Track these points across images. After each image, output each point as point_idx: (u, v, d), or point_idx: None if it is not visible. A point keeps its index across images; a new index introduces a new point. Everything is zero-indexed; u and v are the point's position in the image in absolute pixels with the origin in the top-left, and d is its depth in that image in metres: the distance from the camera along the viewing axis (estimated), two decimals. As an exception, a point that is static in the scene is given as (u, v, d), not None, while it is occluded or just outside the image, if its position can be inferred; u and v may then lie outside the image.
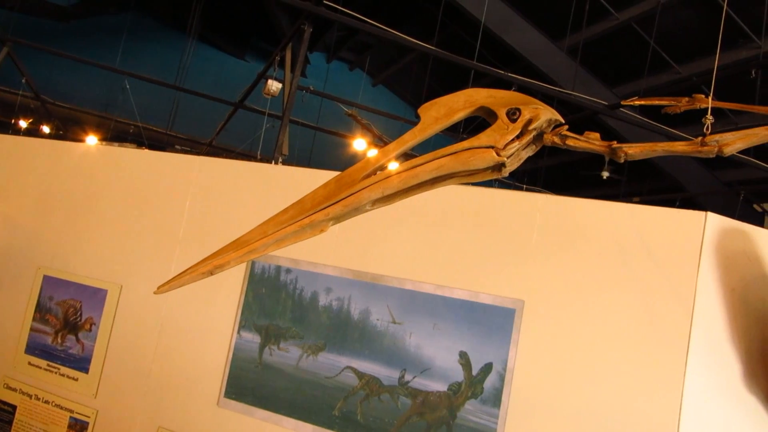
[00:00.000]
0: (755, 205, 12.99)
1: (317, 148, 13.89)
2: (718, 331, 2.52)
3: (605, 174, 11.88)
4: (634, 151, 1.30)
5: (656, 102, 2.90)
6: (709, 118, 1.89)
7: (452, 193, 3.19)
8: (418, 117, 1.32)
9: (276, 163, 5.37)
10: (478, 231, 2.91)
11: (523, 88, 7.72)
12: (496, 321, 2.71)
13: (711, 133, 1.40)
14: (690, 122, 10.85)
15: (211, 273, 1.20)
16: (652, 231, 2.68)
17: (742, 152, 6.98)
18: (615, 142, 1.31)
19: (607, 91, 11.47)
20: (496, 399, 2.60)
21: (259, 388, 2.91)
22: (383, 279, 2.91)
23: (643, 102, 2.94)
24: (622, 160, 1.30)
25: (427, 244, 2.96)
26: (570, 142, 1.29)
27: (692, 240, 2.56)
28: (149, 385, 3.17)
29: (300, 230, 1.11)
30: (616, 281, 2.65)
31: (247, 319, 3.04)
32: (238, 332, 3.04)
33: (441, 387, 2.68)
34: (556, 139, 1.28)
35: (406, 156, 1.28)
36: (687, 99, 2.76)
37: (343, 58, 18.79)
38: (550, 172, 15.18)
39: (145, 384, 3.18)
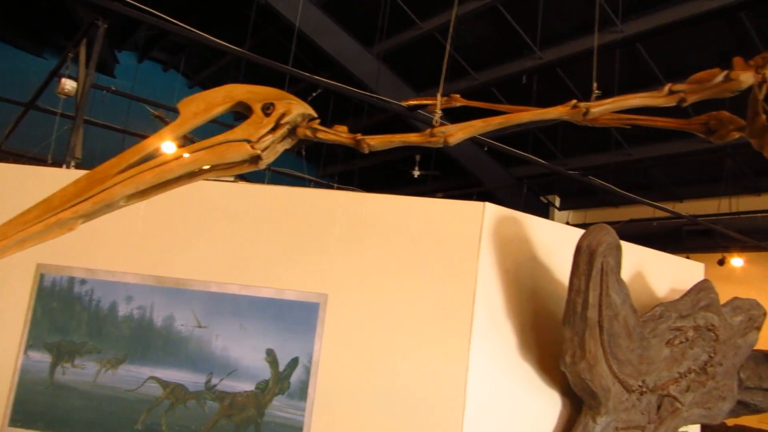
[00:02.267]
0: (541, 197, 14.63)
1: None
2: (497, 309, 2.83)
3: (416, 172, 12.60)
4: (375, 142, 1.43)
5: (423, 101, 3.18)
6: (438, 112, 2.12)
7: (256, 192, 3.21)
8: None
9: (68, 167, 4.96)
10: (282, 229, 2.96)
11: (336, 93, 7.93)
12: (302, 316, 2.78)
13: (439, 126, 1.58)
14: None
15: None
16: (440, 222, 2.93)
17: (525, 151, 7.83)
18: (359, 135, 1.43)
19: (415, 95, 12.18)
20: (302, 392, 2.66)
21: (50, 411, 2.69)
22: (187, 283, 2.84)
23: (413, 102, 3.20)
24: (366, 150, 1.42)
25: (231, 245, 2.94)
26: (320, 135, 1.38)
27: (473, 228, 2.84)
28: None
29: (45, 230, 1.06)
30: (409, 270, 2.86)
31: (36, 338, 2.80)
32: (25, 353, 2.79)
33: (249, 387, 2.69)
34: (309, 133, 1.37)
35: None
36: (445, 98, 3.07)
37: (156, 58, 17.77)
38: (366, 172, 15.77)
39: None
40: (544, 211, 14.68)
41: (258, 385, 2.69)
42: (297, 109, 1.32)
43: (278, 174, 10.73)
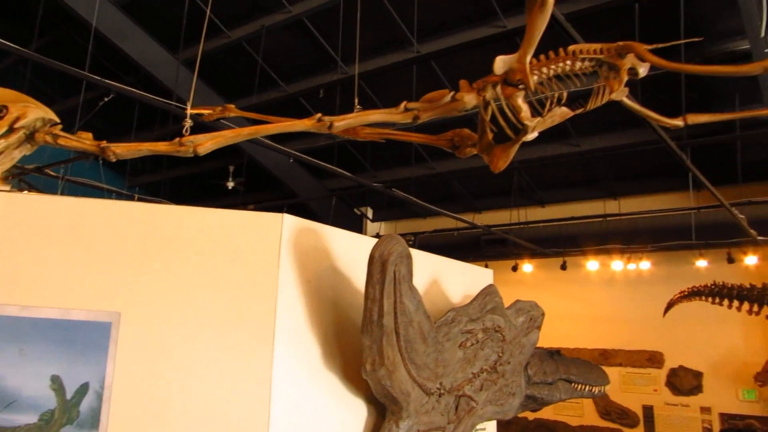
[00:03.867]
0: (355, 209, 15.06)
1: None
2: (299, 320, 2.77)
3: (230, 184, 12.24)
4: (122, 150, 1.33)
5: (201, 111, 3.09)
6: (189, 122, 2.07)
7: (38, 203, 2.83)
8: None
9: None
10: (68, 244, 2.64)
11: (137, 100, 7.38)
12: (91, 337, 2.50)
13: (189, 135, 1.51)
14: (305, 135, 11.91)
15: None
16: (239, 234, 2.80)
17: (333, 163, 7.95)
18: (104, 142, 1.31)
19: (224, 102, 11.82)
20: (94, 420, 2.38)
21: None
22: (-50, 308, 2.41)
23: (194, 111, 3.09)
24: (113, 159, 1.31)
25: (8, 261, 2.56)
26: (62, 141, 1.23)
27: (272, 240, 2.76)
28: None
29: None
30: (208, 284, 2.69)
31: None
32: None
33: (32, 419, 2.33)
34: (48, 138, 1.21)
35: None
36: (220, 108, 3.03)
37: None
38: (177, 183, 14.99)
39: None
40: (358, 223, 15.09)
41: (42, 416, 2.35)
42: (34, 113, 1.15)
43: (75, 184, 9.72)
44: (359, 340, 2.70)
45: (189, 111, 2.57)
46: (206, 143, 1.53)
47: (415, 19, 8.29)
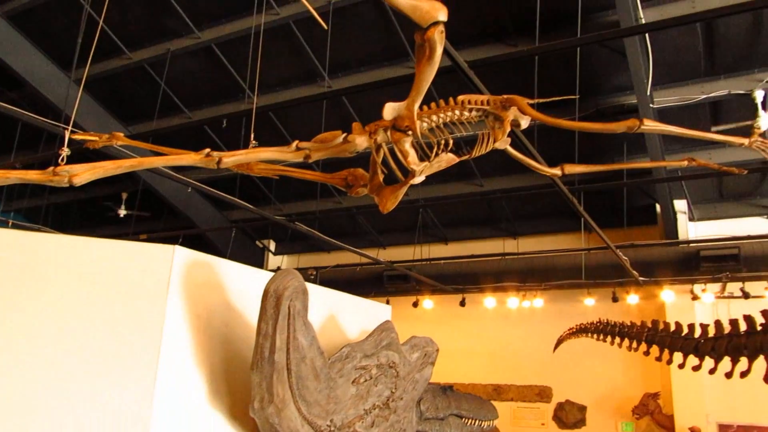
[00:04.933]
0: (257, 242, 14.77)
1: None
2: (186, 356, 2.64)
3: (122, 212, 11.66)
4: None
5: (87, 137, 2.98)
6: (65, 150, 2.00)
7: None
8: None
9: None
10: None
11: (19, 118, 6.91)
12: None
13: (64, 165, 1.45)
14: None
15: None
16: (125, 266, 2.66)
17: (234, 195, 7.79)
18: None
19: (122, 128, 11.34)
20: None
21: None
22: None
23: (78, 136, 2.96)
24: None
25: None
26: None
27: (161, 273, 2.64)
28: None
29: None
30: (88, 316, 2.53)
31: None
32: None
33: None
34: None
35: None
36: (107, 136, 2.94)
37: None
38: (62, 209, 14.12)
39: None
40: (259, 256, 14.77)
41: None
42: None
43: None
44: (249, 377, 2.62)
45: (68, 136, 2.43)
46: (83, 173, 1.46)
47: (328, 54, 8.38)
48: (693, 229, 10.87)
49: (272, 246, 15.04)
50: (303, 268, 12.65)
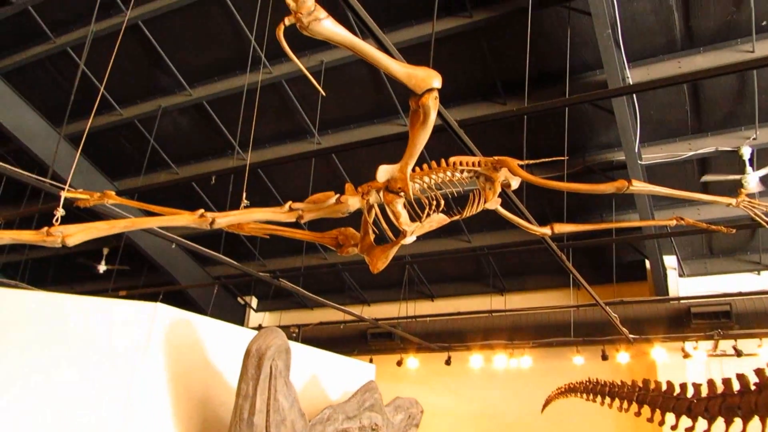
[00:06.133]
0: (239, 298, 14.53)
1: None
2: (164, 417, 2.52)
3: (102, 267, 11.49)
4: None
5: (79, 194, 2.95)
6: (60, 211, 1.99)
7: None
8: None
9: None
10: None
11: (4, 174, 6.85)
12: None
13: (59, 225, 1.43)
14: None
15: None
16: (103, 323, 2.57)
17: (218, 251, 7.69)
18: None
19: (108, 183, 11.29)
20: None
21: None
22: None
23: (70, 194, 2.92)
24: None
25: None
26: None
27: (141, 330, 2.54)
28: None
29: None
30: (60, 373, 2.42)
31: None
32: None
33: None
34: None
35: None
36: (98, 194, 2.95)
37: None
38: (39, 264, 13.89)
39: None
40: (240, 312, 14.51)
41: None
42: None
43: None
44: (229, 441, 2.49)
45: (64, 194, 2.41)
46: (77, 234, 1.45)
47: (318, 111, 8.47)
48: (683, 286, 10.84)
49: (254, 302, 14.80)
50: (285, 326, 12.40)
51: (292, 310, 14.48)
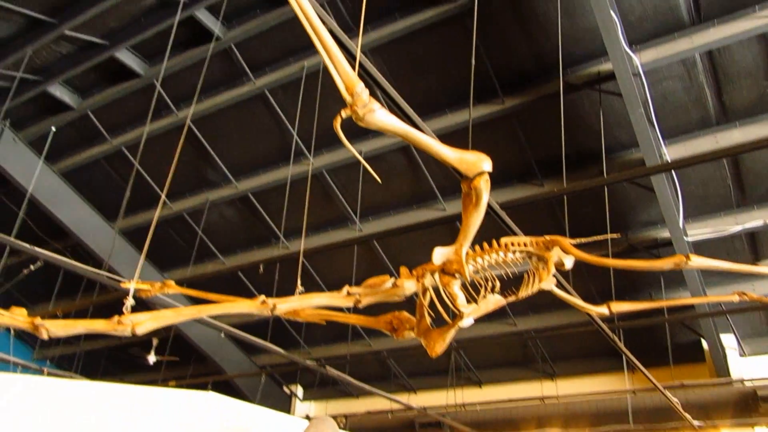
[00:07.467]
0: (284, 387, 14.34)
1: None
2: None
3: (151, 358, 11.56)
4: (56, 328, 1.30)
5: (140, 285, 3.03)
6: (130, 300, 2.05)
7: None
8: None
9: None
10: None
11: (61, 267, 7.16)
12: None
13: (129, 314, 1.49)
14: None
15: None
16: (160, 410, 2.60)
17: (265, 339, 7.73)
18: (38, 318, 1.28)
19: (157, 274, 11.60)
20: None
21: None
22: None
23: (138, 287, 3.03)
24: (45, 337, 1.27)
25: None
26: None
27: (195, 418, 2.56)
28: None
29: None
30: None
31: None
32: None
33: None
34: None
35: None
36: (159, 284, 2.99)
37: None
38: (93, 356, 14.11)
39: None
40: (286, 402, 14.30)
41: None
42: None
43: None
44: None
45: (133, 286, 2.51)
46: (146, 322, 1.53)
47: (359, 199, 8.67)
48: (745, 366, 10.25)
49: (300, 391, 14.59)
50: (332, 416, 12.10)
51: (338, 399, 14.19)
